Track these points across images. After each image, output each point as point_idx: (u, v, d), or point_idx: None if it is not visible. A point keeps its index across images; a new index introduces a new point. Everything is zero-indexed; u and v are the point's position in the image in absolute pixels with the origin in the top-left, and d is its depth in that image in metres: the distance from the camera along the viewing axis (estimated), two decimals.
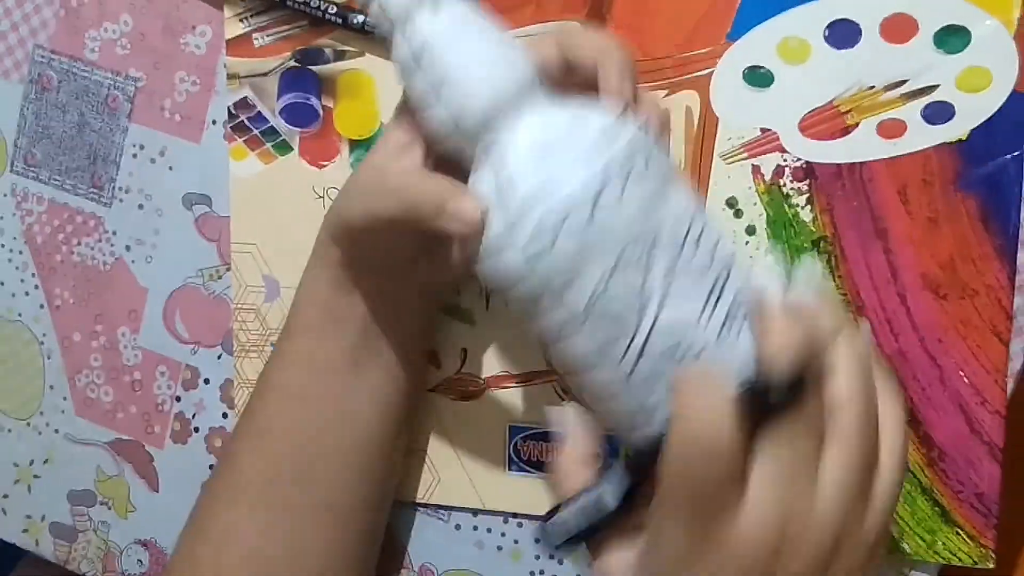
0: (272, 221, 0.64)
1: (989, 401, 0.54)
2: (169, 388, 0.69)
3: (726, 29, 0.56)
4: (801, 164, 0.55)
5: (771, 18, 0.55)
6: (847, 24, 0.54)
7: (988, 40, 0.52)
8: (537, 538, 0.49)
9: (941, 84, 0.53)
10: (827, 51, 0.54)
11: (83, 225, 0.70)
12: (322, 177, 0.63)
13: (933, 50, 0.53)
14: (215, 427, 0.68)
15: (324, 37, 0.62)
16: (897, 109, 0.54)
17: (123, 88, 0.68)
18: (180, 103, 0.66)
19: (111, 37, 0.67)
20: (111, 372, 0.70)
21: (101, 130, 0.68)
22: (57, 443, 0.73)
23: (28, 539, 0.74)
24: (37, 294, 0.72)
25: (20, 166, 0.71)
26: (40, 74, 0.69)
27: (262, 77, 0.64)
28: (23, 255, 0.72)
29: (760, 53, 0.55)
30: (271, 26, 0.63)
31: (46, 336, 0.72)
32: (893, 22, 0.53)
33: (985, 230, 0.53)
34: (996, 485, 0.54)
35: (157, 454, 0.70)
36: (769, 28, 0.55)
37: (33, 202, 0.71)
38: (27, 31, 0.69)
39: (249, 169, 0.65)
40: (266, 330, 0.65)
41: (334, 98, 0.63)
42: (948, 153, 0.53)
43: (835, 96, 0.54)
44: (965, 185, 0.53)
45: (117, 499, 0.71)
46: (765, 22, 0.55)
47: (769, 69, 0.55)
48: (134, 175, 0.68)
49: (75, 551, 0.73)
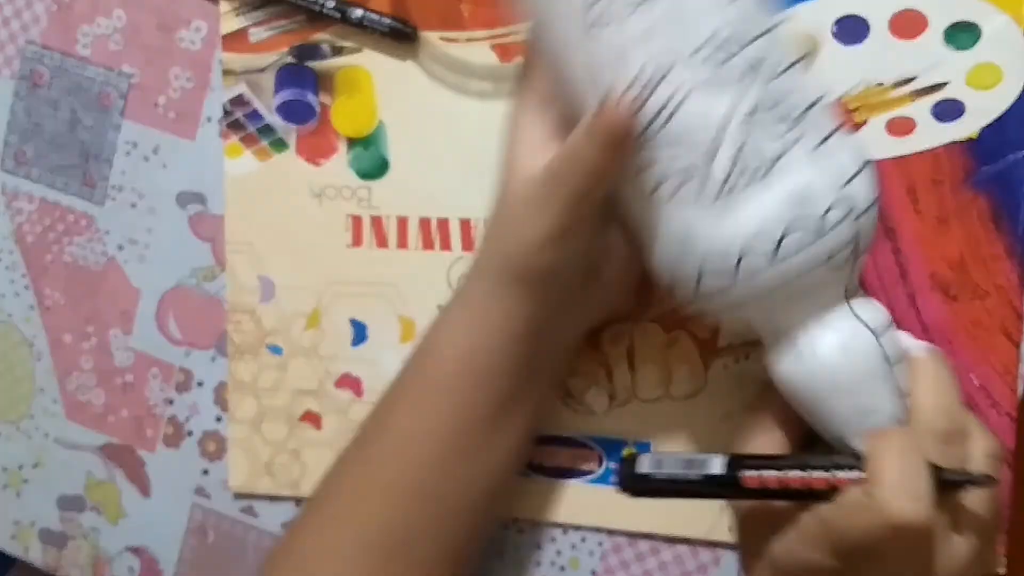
0: (268, 220, 0.63)
1: (999, 403, 0.53)
2: (162, 391, 0.68)
3: None
4: None
5: (779, 14, 0.53)
6: (856, 20, 0.53)
7: (998, 36, 0.51)
8: (620, 462, 0.48)
9: (951, 81, 0.52)
10: (835, 47, 0.53)
11: (75, 224, 0.69)
12: (319, 175, 0.62)
13: (943, 46, 0.52)
14: (208, 431, 0.67)
15: (321, 32, 0.61)
16: (906, 107, 0.53)
17: (116, 84, 0.66)
18: (174, 100, 0.65)
19: (104, 32, 0.66)
20: (102, 374, 0.69)
21: (93, 127, 0.67)
22: (47, 447, 0.71)
23: (17, 545, 0.73)
24: (27, 294, 0.71)
25: (10, 164, 0.70)
26: (31, 70, 0.68)
27: (258, 73, 0.63)
28: (13, 255, 0.71)
29: None
30: (268, 21, 0.62)
31: (36, 337, 0.71)
32: (902, 18, 0.52)
33: (996, 230, 0.52)
34: (1007, 488, 0.53)
35: (149, 458, 0.69)
36: None
37: (24, 201, 0.70)
38: (18, 26, 0.68)
39: (244, 167, 0.63)
40: (261, 332, 0.64)
41: (331, 95, 0.62)
42: (958, 151, 0.52)
43: (843, 93, 0.53)
44: (975, 184, 0.52)
45: (108, 504, 0.70)
46: None
47: None
48: (127, 173, 0.67)
49: (65, 558, 0.72)
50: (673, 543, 0.59)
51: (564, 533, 0.61)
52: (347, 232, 0.62)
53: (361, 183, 0.62)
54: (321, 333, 0.63)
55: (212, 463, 0.67)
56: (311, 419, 0.64)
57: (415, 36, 0.59)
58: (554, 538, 0.61)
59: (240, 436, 0.65)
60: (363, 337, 0.63)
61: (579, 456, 0.59)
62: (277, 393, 0.64)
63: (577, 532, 0.60)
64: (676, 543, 0.59)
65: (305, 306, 0.63)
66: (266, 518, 0.66)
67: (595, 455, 0.59)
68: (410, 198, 0.61)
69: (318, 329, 0.63)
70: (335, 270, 0.63)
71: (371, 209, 0.62)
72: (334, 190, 0.62)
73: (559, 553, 0.61)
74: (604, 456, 0.59)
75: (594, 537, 0.60)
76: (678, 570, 0.59)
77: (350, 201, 0.62)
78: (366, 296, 0.62)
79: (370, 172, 0.61)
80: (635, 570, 0.60)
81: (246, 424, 0.65)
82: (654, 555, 0.59)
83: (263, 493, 0.65)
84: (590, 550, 0.60)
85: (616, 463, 0.58)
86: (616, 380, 0.58)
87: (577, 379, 0.59)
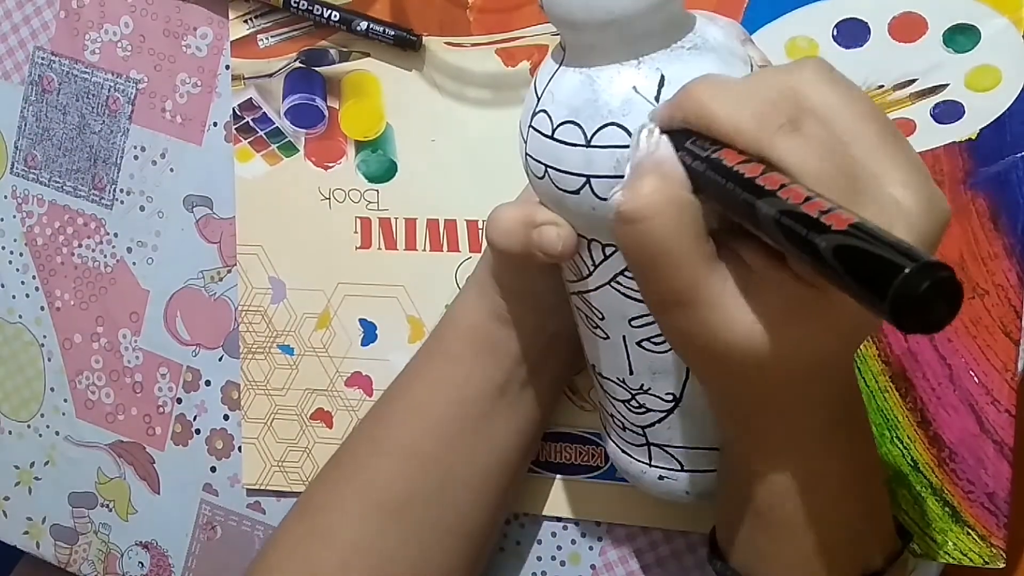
0: (278, 222, 0.63)
1: (999, 400, 0.52)
2: (170, 390, 0.68)
3: None
4: None
5: (779, 17, 0.53)
6: (856, 23, 0.52)
7: (997, 39, 0.51)
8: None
9: (950, 83, 0.51)
10: (836, 50, 0.53)
11: (84, 227, 0.68)
12: (328, 178, 0.62)
13: (942, 49, 0.51)
14: (216, 429, 0.67)
15: (329, 38, 0.61)
16: (906, 108, 0.52)
17: (124, 90, 0.66)
18: (181, 105, 0.65)
19: (112, 39, 0.66)
20: (112, 374, 0.69)
21: (102, 132, 0.67)
22: (58, 445, 0.71)
23: (29, 541, 0.73)
24: (38, 296, 0.70)
25: (20, 168, 0.70)
26: (41, 76, 0.68)
27: (267, 78, 0.62)
28: (23, 257, 0.70)
29: (768, 52, 0.52)
30: (276, 27, 0.62)
31: (47, 338, 0.70)
32: (902, 21, 0.52)
33: (995, 229, 0.51)
34: (1006, 484, 0.53)
35: (158, 456, 0.68)
36: (777, 27, 0.53)
37: (34, 204, 0.70)
38: (28, 33, 0.68)
39: (254, 170, 0.63)
40: (272, 332, 0.64)
41: (339, 99, 0.61)
42: (957, 152, 0.52)
43: None
44: (975, 184, 0.52)
45: (118, 501, 0.70)
46: (773, 21, 0.53)
47: None
48: (135, 177, 0.67)
49: (76, 553, 0.72)
50: (671, 539, 0.59)
51: (564, 528, 0.60)
52: (356, 234, 0.62)
53: (369, 186, 0.61)
54: (331, 333, 0.63)
55: (220, 461, 0.67)
56: (322, 417, 0.64)
57: (419, 45, 0.59)
58: (555, 532, 0.60)
59: (253, 434, 0.65)
60: (373, 337, 0.62)
61: (584, 452, 0.59)
62: (289, 392, 0.64)
63: (577, 527, 0.60)
64: (674, 538, 0.58)
65: (315, 307, 0.63)
66: (273, 514, 0.66)
67: (599, 452, 0.59)
68: (418, 200, 0.60)
69: (328, 329, 0.63)
70: (344, 271, 0.62)
71: (379, 211, 0.61)
72: (343, 193, 0.61)
73: (560, 548, 0.61)
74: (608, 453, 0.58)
75: (594, 531, 0.60)
76: (676, 565, 0.59)
77: (359, 204, 0.61)
78: (375, 297, 0.62)
79: (378, 175, 0.61)
80: (633, 565, 0.59)
81: (259, 422, 0.64)
82: (652, 550, 0.59)
83: (275, 489, 0.65)
84: (590, 545, 0.60)
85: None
86: None
87: (582, 377, 0.58)
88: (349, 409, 0.63)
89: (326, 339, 0.63)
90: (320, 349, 0.63)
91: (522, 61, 0.57)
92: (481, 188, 0.58)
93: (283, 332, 0.63)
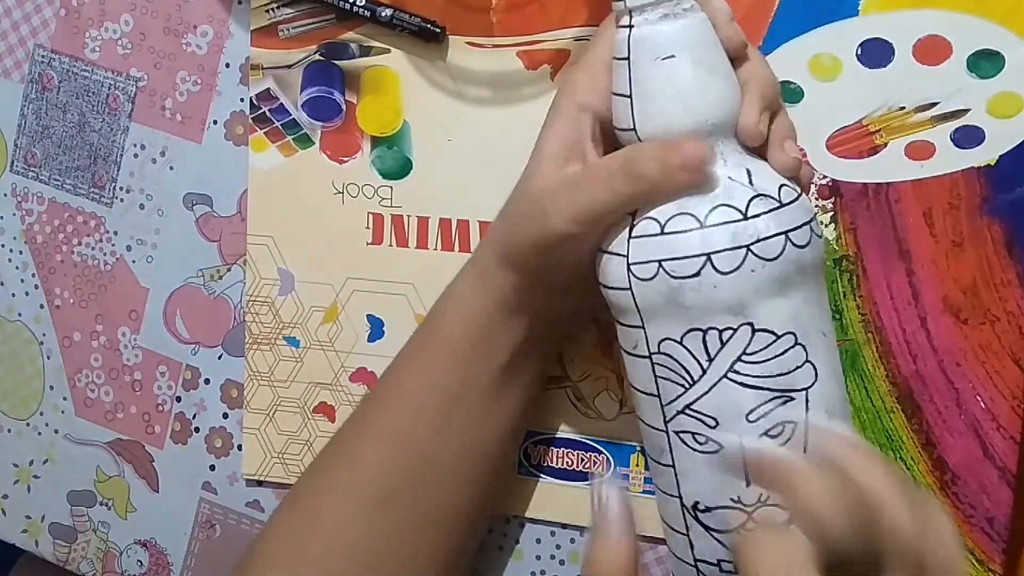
0: (290, 214, 0.60)
1: (1005, 427, 0.50)
2: (169, 388, 0.65)
3: (758, 43, 0.51)
4: (827, 182, 0.52)
5: (804, 34, 0.51)
6: (880, 43, 0.49)
7: (1021, 66, 0.48)
8: None
9: (972, 108, 0.49)
10: (859, 70, 0.50)
11: (84, 225, 0.65)
12: (342, 172, 0.59)
13: (966, 74, 0.49)
14: (215, 427, 0.64)
15: (351, 32, 0.58)
16: (926, 131, 0.50)
17: (124, 88, 0.63)
18: (181, 103, 0.62)
19: (112, 37, 0.63)
20: (111, 372, 0.66)
21: (102, 130, 0.64)
22: (57, 443, 0.68)
23: (28, 539, 0.70)
24: (37, 294, 0.67)
25: (20, 166, 0.67)
26: (40, 73, 0.65)
27: (286, 69, 0.59)
28: (23, 255, 0.67)
29: (791, 68, 0.51)
30: (297, 19, 0.59)
31: (46, 336, 0.68)
32: (927, 44, 0.49)
33: (1009, 256, 0.49)
34: (1007, 510, 0.51)
35: (157, 454, 0.66)
36: (801, 44, 0.51)
37: (33, 202, 0.67)
38: (27, 30, 0.65)
39: (269, 161, 0.60)
40: (279, 323, 0.61)
41: (358, 94, 0.58)
42: (976, 177, 0.49)
43: (864, 115, 0.50)
44: (991, 211, 0.49)
45: (117, 499, 0.67)
46: (797, 38, 0.51)
47: (799, 85, 0.51)
48: (135, 175, 0.64)
49: (75, 551, 0.69)
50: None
51: (563, 527, 0.58)
52: (368, 230, 0.59)
53: (383, 182, 0.58)
54: (338, 327, 0.60)
55: (219, 459, 0.64)
56: (325, 411, 0.61)
57: (443, 36, 0.56)
58: (554, 532, 0.59)
59: (255, 425, 0.62)
60: (380, 333, 0.60)
61: (587, 459, 0.57)
62: (292, 384, 0.61)
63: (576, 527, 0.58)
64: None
65: (323, 300, 0.60)
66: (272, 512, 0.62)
67: (603, 459, 0.57)
68: (431, 199, 0.58)
69: (335, 323, 0.60)
70: (354, 267, 0.59)
71: (392, 208, 0.58)
72: (356, 188, 0.59)
73: (559, 547, 0.59)
74: (612, 460, 0.57)
75: None
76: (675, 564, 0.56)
77: (372, 199, 0.59)
78: (384, 294, 0.59)
79: (393, 172, 0.58)
80: None
81: (261, 413, 0.62)
82: (651, 549, 0.57)
83: (275, 481, 0.62)
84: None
85: (623, 467, 0.56)
86: (627, 387, 0.55)
87: (588, 384, 0.56)
88: (352, 404, 0.61)
89: (333, 333, 0.60)
90: (326, 343, 0.60)
91: (543, 64, 0.55)
92: (496, 190, 0.55)
93: (290, 324, 0.61)
